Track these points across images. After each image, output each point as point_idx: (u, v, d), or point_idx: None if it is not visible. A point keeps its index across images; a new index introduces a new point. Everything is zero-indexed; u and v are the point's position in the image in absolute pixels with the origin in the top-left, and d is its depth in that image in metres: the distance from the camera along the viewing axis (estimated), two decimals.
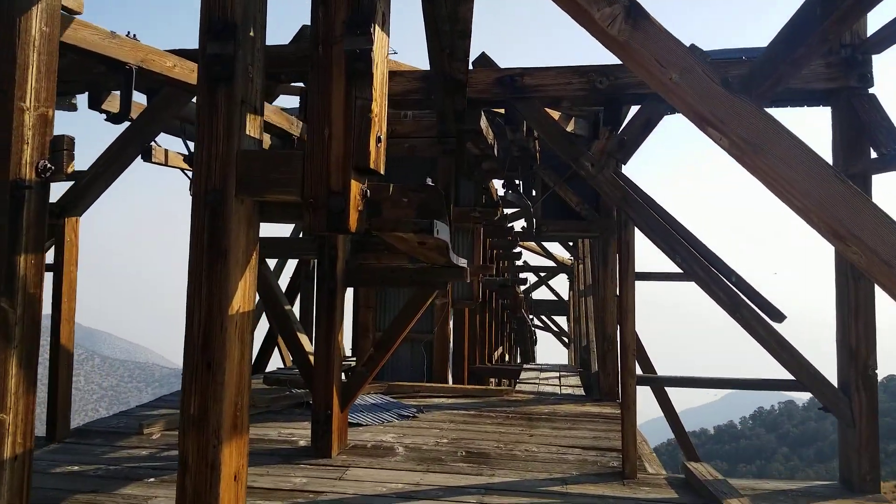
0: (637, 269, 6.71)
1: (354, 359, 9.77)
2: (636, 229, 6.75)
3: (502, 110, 7.26)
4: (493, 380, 15.14)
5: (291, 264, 12.21)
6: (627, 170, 7.16)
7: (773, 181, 3.10)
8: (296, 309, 12.60)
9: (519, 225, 17.73)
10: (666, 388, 9.39)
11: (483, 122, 7.38)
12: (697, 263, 6.59)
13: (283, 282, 13.94)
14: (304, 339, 7.46)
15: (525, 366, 14.57)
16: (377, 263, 8.37)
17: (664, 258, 6.83)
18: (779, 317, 6.68)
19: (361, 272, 7.32)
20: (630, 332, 6.61)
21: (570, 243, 18.08)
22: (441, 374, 10.38)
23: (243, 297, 3.49)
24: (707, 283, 6.56)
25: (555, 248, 23.30)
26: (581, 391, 10.91)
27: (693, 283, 6.72)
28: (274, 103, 9.05)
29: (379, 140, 3.49)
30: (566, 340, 28.53)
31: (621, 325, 6.72)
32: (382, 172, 3.62)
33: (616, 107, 6.93)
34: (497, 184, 13.94)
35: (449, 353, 10.41)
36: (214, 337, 3.36)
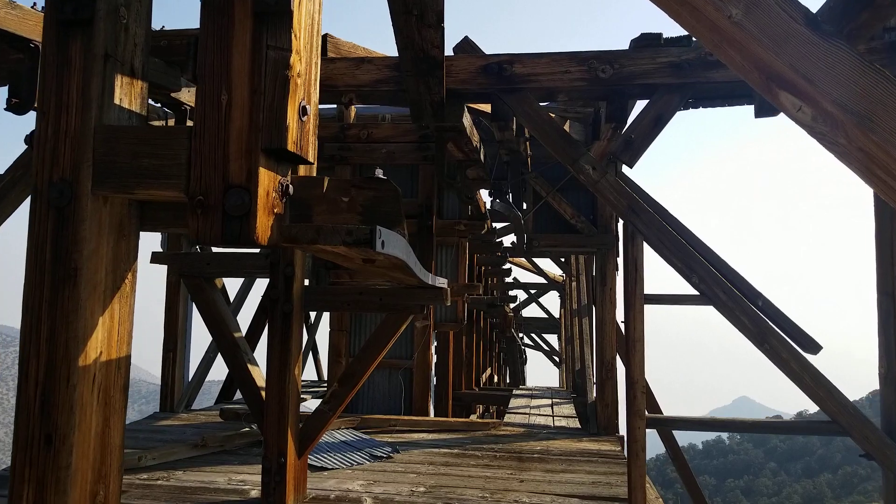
0: (645, 291, 5.65)
1: (326, 387, 8.65)
2: (645, 244, 5.70)
3: (488, 107, 6.22)
4: (480, 406, 14.02)
5: (262, 283, 11.06)
6: (634, 175, 6.12)
7: (887, 169, 2.05)
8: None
9: (509, 240, 16.68)
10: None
11: (467, 120, 6.34)
12: (718, 284, 5.53)
13: (253, 303, 12.84)
14: (256, 372, 6.34)
15: (514, 391, 13.48)
16: (351, 282, 7.30)
17: (668, 276, 5.79)
18: (814, 348, 5.62)
19: (324, 294, 6.20)
20: (638, 366, 5.53)
21: (562, 259, 17.04)
22: (421, 405, 9.26)
23: (107, 338, 2.38)
24: (729, 308, 5.50)
25: (545, 264, 22.28)
26: (576, 422, 9.82)
27: (709, 306, 5.65)
28: None
29: (304, 112, 2.40)
30: (557, 360, 27.43)
31: (628, 357, 5.63)
32: (313, 160, 2.53)
33: (621, 100, 5.88)
34: (485, 195, 12.95)
35: (430, 382, 9.30)
36: (58, 398, 2.25)
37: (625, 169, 5.98)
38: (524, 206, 9.54)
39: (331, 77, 6.24)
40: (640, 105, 5.96)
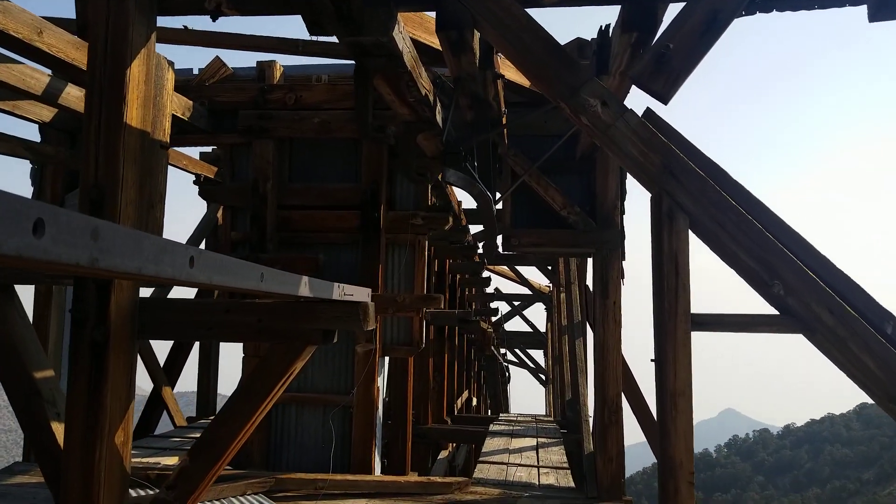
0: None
1: None
2: (690, 229, 3.34)
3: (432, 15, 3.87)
4: (451, 444, 11.59)
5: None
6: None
7: None
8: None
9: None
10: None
11: (403, 42, 3.97)
12: (820, 299, 3.15)
13: None
14: (61, 432, 3.92)
15: (493, 424, 11.10)
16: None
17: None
18: None
19: (169, 312, 3.75)
20: (683, 438, 3.15)
21: (549, 266, 14.70)
22: (362, 456, 6.83)
23: None
24: (839, 339, 3.13)
25: (530, 273, 19.93)
26: (567, 475, 7.44)
27: (798, 334, 3.29)
28: None
29: None
30: (543, 378, 24.99)
31: (662, 420, 3.25)
32: None
33: None
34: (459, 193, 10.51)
35: (375, 425, 6.90)
36: None
37: (655, 107, 3.61)
38: (496, 196, 7.16)
39: None
40: (676, 8, 3.58)
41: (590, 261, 7.46)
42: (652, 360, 3.38)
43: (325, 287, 3.16)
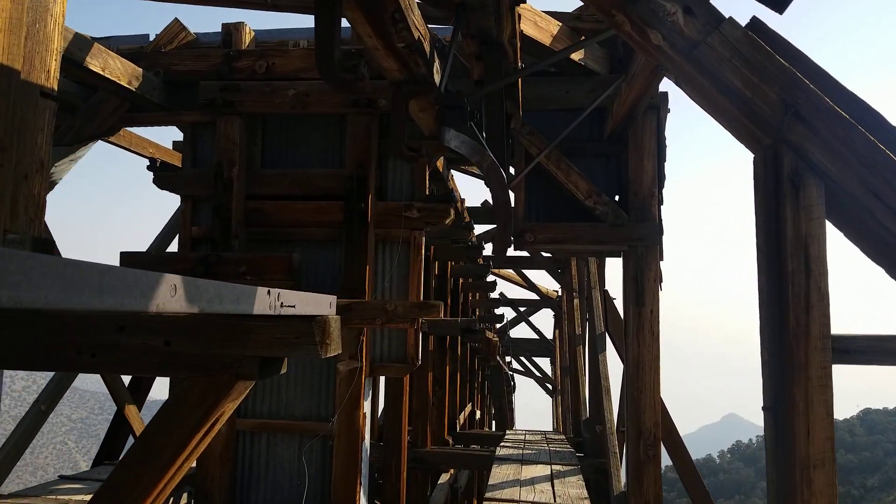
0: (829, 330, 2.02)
1: None
2: (823, 204, 2.08)
3: None
4: (452, 468, 10.33)
5: None
6: None
7: None
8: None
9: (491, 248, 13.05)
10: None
11: None
12: None
13: None
14: None
15: (499, 449, 9.83)
16: None
17: None
18: None
19: (24, 333, 2.51)
20: None
21: (559, 269, 13.44)
22: (344, 497, 5.57)
23: None
24: None
25: (538, 276, 18.69)
26: None
27: None
28: None
29: None
30: (550, 387, 23.71)
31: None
32: None
33: None
34: (464, 183, 9.17)
35: (360, 459, 5.65)
36: None
37: (765, 15, 2.37)
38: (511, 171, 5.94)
39: None
40: None
41: (616, 261, 6.22)
42: (764, 409, 2.13)
43: (239, 295, 1.93)
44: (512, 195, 5.73)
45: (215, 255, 5.52)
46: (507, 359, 20.50)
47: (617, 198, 5.87)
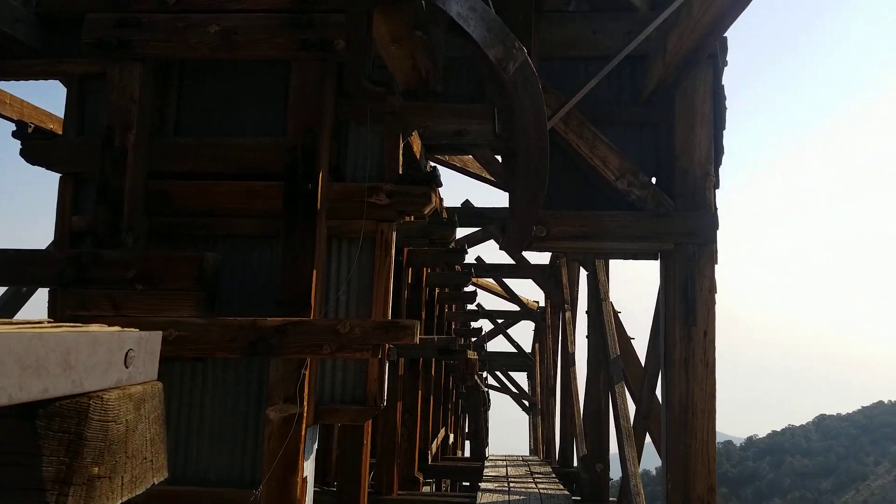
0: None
1: None
2: None
3: None
4: None
5: None
6: None
7: None
8: None
9: (482, 249, 11.48)
10: None
11: None
12: None
13: None
14: None
15: (480, 494, 8.18)
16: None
17: None
18: None
19: None
20: None
21: (551, 278, 11.78)
22: None
23: None
24: None
25: (519, 286, 17.03)
26: None
27: None
28: None
29: None
30: (526, 404, 22.06)
31: None
32: None
33: None
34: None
35: None
36: None
37: None
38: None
39: None
40: None
41: (650, 264, 4.62)
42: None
43: None
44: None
45: (91, 254, 3.79)
46: (483, 374, 18.85)
47: (655, 179, 4.28)
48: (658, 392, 5.07)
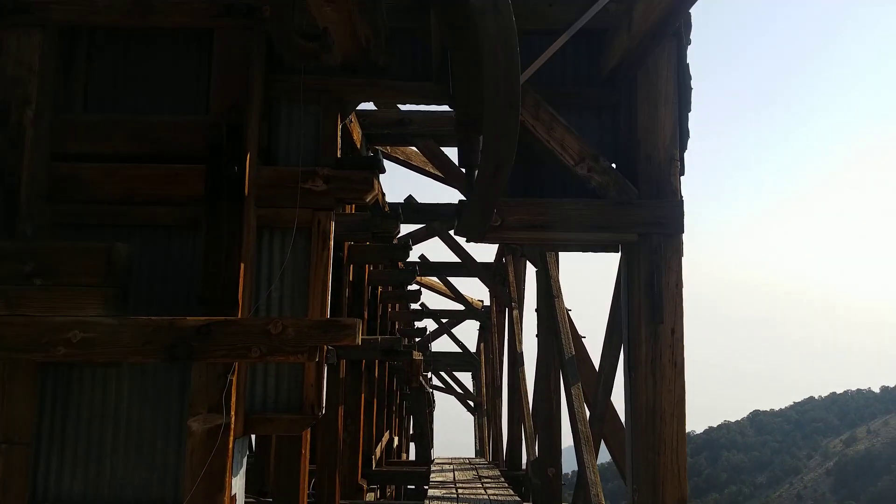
0: None
1: None
2: None
3: None
4: None
5: None
6: None
7: None
8: None
9: (426, 247, 11.07)
10: None
11: None
12: None
13: None
14: None
15: (425, 486, 7.82)
16: None
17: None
18: None
19: None
20: None
21: (497, 276, 11.47)
22: None
23: None
24: None
25: (465, 284, 16.72)
26: None
27: None
28: None
29: None
30: (472, 404, 21.79)
31: None
32: None
33: None
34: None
35: None
36: None
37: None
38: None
39: None
40: None
41: (608, 257, 4.31)
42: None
43: None
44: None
45: None
46: (428, 374, 18.47)
47: (615, 165, 3.97)
48: (618, 395, 4.77)
